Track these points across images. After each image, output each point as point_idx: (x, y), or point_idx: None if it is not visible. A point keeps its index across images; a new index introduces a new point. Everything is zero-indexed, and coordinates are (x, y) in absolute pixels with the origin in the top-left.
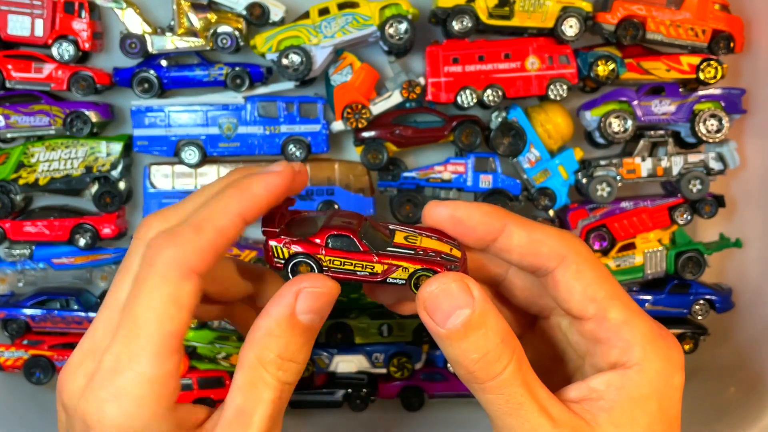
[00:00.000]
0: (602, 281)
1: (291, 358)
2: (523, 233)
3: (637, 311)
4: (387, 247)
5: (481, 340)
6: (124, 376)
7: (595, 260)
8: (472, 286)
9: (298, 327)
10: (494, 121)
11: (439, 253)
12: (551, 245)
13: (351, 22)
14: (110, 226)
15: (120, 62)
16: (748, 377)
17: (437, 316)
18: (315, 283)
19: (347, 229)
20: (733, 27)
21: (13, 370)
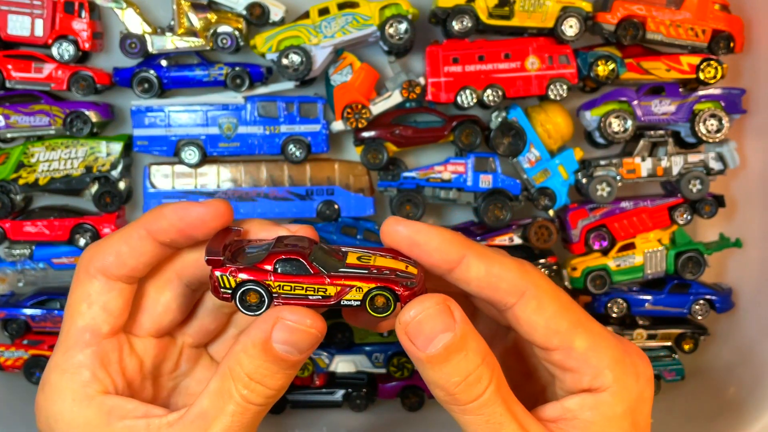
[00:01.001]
0: (563, 312)
1: (260, 380)
2: (481, 266)
3: (601, 335)
4: (339, 269)
5: (462, 362)
6: (47, 368)
7: (555, 291)
8: (454, 308)
9: (270, 354)
10: (494, 121)
11: (394, 271)
12: (510, 280)
13: (351, 22)
14: (110, 226)
15: (120, 62)
16: (748, 377)
17: (419, 341)
18: (296, 318)
19: (296, 252)
20: (733, 27)
21: (13, 370)
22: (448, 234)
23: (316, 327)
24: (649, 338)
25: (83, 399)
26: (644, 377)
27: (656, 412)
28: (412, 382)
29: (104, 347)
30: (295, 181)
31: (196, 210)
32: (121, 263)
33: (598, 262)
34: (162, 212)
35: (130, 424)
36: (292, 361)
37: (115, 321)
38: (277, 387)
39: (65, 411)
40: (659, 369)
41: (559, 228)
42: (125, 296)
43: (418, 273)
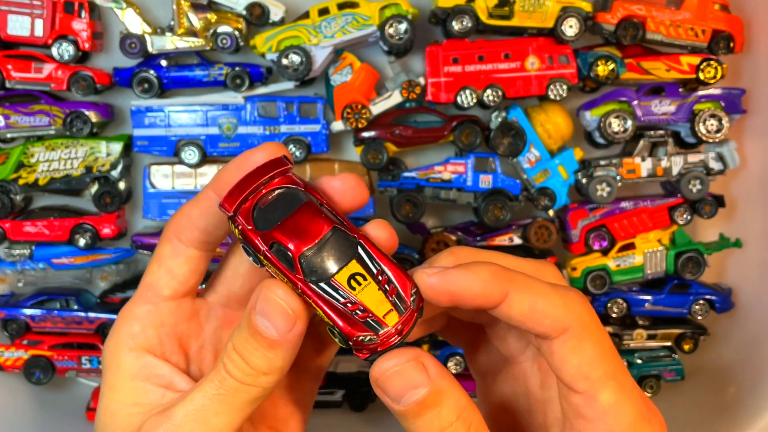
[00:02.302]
0: (601, 360)
1: (240, 352)
2: (524, 303)
3: (630, 392)
4: (322, 280)
5: (434, 419)
6: None
7: (598, 333)
8: (428, 364)
9: (251, 324)
10: (494, 121)
11: (366, 316)
12: (554, 316)
13: (351, 22)
14: (110, 226)
15: (120, 62)
16: (748, 377)
17: (391, 394)
18: (274, 290)
19: (292, 243)
20: (733, 27)
21: (13, 370)
22: (487, 273)
23: (292, 307)
24: (649, 338)
25: (124, 347)
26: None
27: None
28: None
29: (162, 309)
30: None
31: (252, 157)
32: (191, 226)
33: (598, 262)
34: (224, 167)
35: (149, 388)
36: (268, 340)
37: (178, 286)
38: (255, 367)
39: (108, 352)
40: (659, 369)
41: (559, 228)
42: (192, 263)
43: (398, 323)
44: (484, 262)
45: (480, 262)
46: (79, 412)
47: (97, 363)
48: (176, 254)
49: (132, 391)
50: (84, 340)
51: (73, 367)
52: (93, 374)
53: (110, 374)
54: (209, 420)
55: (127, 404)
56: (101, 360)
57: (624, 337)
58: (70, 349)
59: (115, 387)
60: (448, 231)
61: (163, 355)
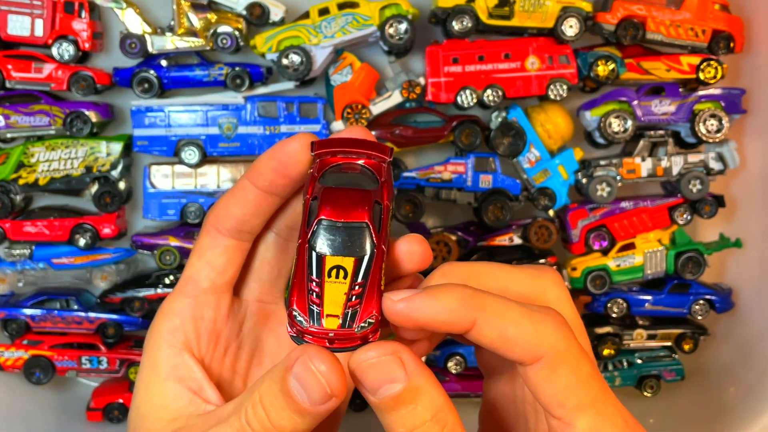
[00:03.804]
0: (577, 387)
1: (266, 408)
2: (493, 330)
3: (611, 419)
4: (315, 250)
5: (408, 416)
6: None
7: (575, 359)
8: (406, 359)
9: (284, 384)
10: (494, 121)
11: (315, 303)
12: (525, 345)
13: (351, 22)
14: (110, 226)
15: (120, 62)
16: (748, 377)
17: (366, 385)
18: (315, 359)
19: (326, 208)
20: (733, 27)
21: (13, 370)
22: (453, 299)
23: (332, 385)
24: (649, 338)
25: (162, 342)
26: None
27: (656, 412)
28: None
29: (201, 301)
30: None
31: (286, 146)
32: (228, 215)
33: (598, 262)
34: (259, 157)
35: (180, 391)
36: (299, 406)
37: (217, 277)
38: (278, 426)
39: (147, 346)
40: (659, 369)
41: (559, 228)
42: (230, 254)
43: (332, 332)
44: (455, 286)
45: (450, 286)
46: (79, 412)
47: (97, 363)
48: (215, 245)
49: (163, 393)
50: (84, 340)
51: (73, 367)
52: (93, 374)
53: (146, 371)
54: None
55: (156, 406)
56: (142, 354)
57: (624, 337)
58: (70, 349)
59: (148, 385)
60: (448, 231)
61: (200, 353)
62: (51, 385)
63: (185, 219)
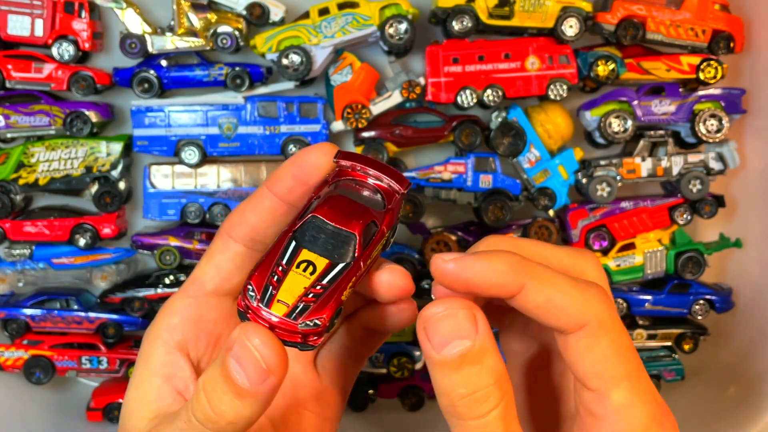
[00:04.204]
0: (615, 359)
1: (207, 394)
2: (540, 296)
3: (643, 394)
4: (296, 241)
5: (473, 377)
6: None
7: (616, 332)
8: (479, 317)
9: (224, 366)
10: (494, 121)
11: (272, 284)
12: (571, 311)
13: (351, 22)
14: (110, 226)
15: (120, 62)
16: (748, 377)
17: (435, 339)
18: (251, 338)
19: (323, 208)
20: (733, 27)
21: (13, 370)
22: (503, 263)
23: (267, 360)
24: (649, 338)
25: (158, 339)
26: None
27: None
28: (412, 382)
29: (202, 303)
30: None
31: (310, 154)
32: (243, 221)
33: None
34: (281, 165)
35: (165, 390)
36: (237, 387)
37: (222, 282)
38: (219, 413)
39: (144, 341)
40: (659, 369)
41: (559, 228)
42: (239, 261)
43: (277, 318)
44: (505, 252)
45: (500, 251)
46: (79, 412)
47: (97, 363)
48: (225, 249)
49: (149, 389)
50: (84, 340)
51: (73, 367)
52: (93, 374)
53: (138, 366)
54: None
55: (141, 402)
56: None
57: None
58: (70, 349)
59: (137, 381)
60: (448, 231)
61: (196, 354)
62: (51, 385)
63: (185, 219)
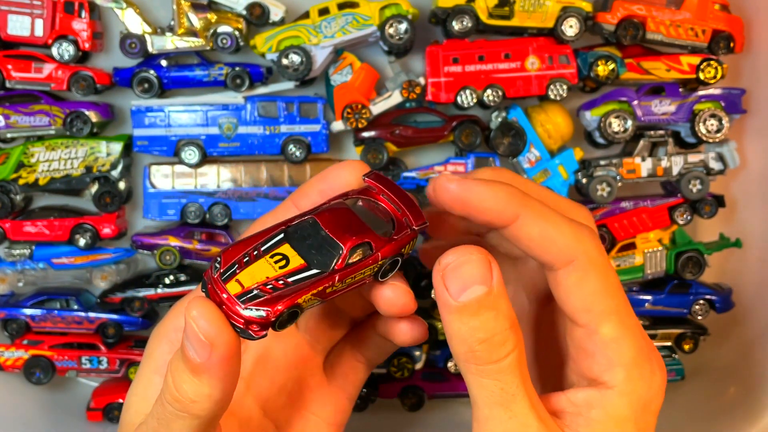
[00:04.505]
0: (603, 294)
1: (172, 371)
2: (535, 227)
3: (631, 329)
4: (285, 236)
5: (491, 321)
6: None
7: (604, 268)
8: (494, 265)
9: (184, 344)
10: (494, 121)
11: (239, 263)
12: (562, 245)
13: (351, 22)
14: (110, 226)
15: (120, 62)
16: (748, 377)
17: (454, 286)
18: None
19: (323, 216)
20: (733, 27)
21: (13, 370)
22: (502, 191)
23: (205, 332)
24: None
25: (163, 338)
26: (656, 388)
27: None
28: (412, 382)
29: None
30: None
31: (339, 170)
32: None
33: None
34: (308, 181)
35: (150, 392)
36: (192, 364)
37: None
38: (182, 392)
39: (150, 338)
40: None
41: None
42: None
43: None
44: (505, 183)
45: (501, 182)
46: (79, 412)
47: (97, 363)
48: None
49: (147, 385)
50: (84, 340)
51: (73, 367)
52: (93, 374)
53: (142, 363)
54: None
55: (139, 398)
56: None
57: None
58: (70, 349)
59: (139, 377)
60: None
61: None
62: (51, 385)
63: (185, 219)
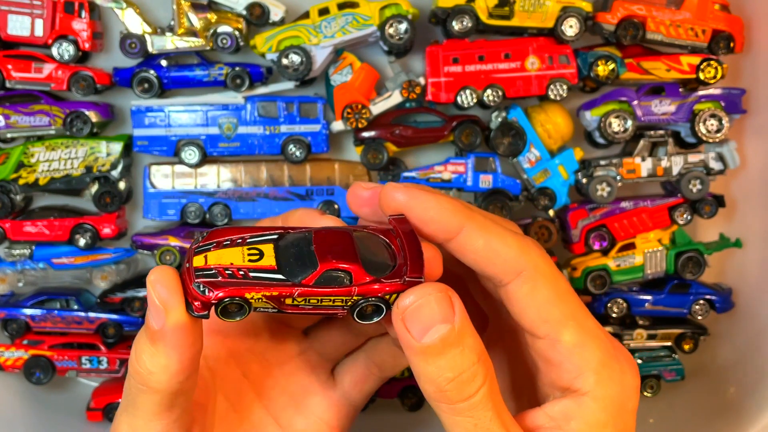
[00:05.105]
0: (558, 300)
1: (136, 347)
2: (479, 240)
3: (592, 332)
4: (272, 237)
5: (457, 358)
6: None
7: (553, 276)
8: (455, 300)
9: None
10: (494, 121)
11: (210, 247)
12: (507, 258)
13: (351, 22)
14: (110, 226)
15: (120, 62)
16: (748, 377)
17: (415, 329)
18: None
19: (312, 231)
20: (733, 27)
21: (13, 370)
22: (447, 203)
23: (159, 295)
24: (649, 338)
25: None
26: (629, 387)
27: (656, 411)
28: (412, 382)
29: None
30: (295, 181)
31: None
32: None
33: (598, 262)
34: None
35: None
36: (150, 331)
37: None
38: (141, 364)
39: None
40: (659, 369)
41: (559, 228)
42: None
43: (192, 268)
44: (450, 197)
45: (446, 195)
46: (79, 412)
47: (97, 363)
48: None
49: None
50: (84, 340)
51: (73, 367)
52: (93, 374)
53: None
54: (132, 422)
55: None
56: None
57: (624, 337)
58: (70, 349)
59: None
60: None
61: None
62: (51, 385)
63: (185, 219)
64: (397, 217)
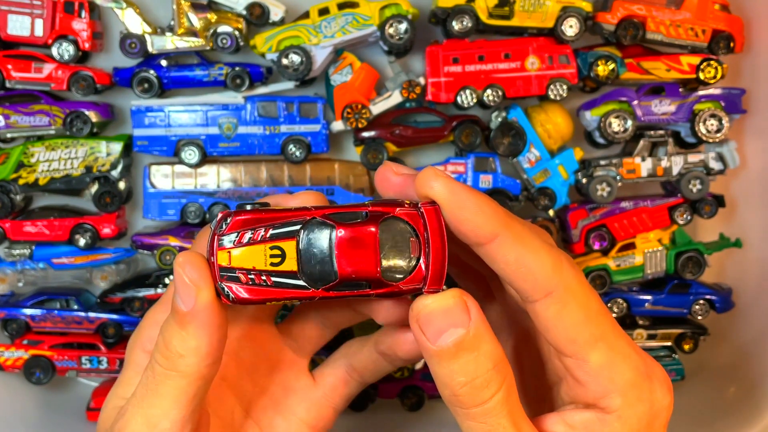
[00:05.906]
0: (587, 322)
1: (164, 332)
2: (512, 253)
3: (623, 352)
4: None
5: (471, 363)
6: None
7: (584, 296)
8: (471, 305)
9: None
10: (494, 121)
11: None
12: (539, 276)
13: (351, 22)
14: (110, 226)
15: (120, 62)
16: (748, 377)
17: (429, 331)
18: (182, 261)
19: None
20: (733, 27)
21: (13, 370)
22: (487, 206)
23: (189, 275)
24: (649, 338)
25: (140, 347)
26: (658, 407)
27: None
28: (412, 382)
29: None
30: (295, 181)
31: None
32: None
33: (598, 262)
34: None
35: (129, 392)
36: (179, 315)
37: None
38: (172, 349)
39: (128, 347)
40: None
41: (559, 228)
42: None
43: (214, 256)
44: (491, 201)
45: (487, 197)
46: (79, 412)
47: (97, 363)
48: None
49: (126, 389)
50: (84, 340)
51: (73, 367)
52: (93, 374)
53: (125, 368)
54: (148, 412)
55: (119, 399)
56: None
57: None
58: (70, 349)
59: (122, 380)
60: None
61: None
62: (51, 385)
63: (185, 219)
64: (430, 205)
